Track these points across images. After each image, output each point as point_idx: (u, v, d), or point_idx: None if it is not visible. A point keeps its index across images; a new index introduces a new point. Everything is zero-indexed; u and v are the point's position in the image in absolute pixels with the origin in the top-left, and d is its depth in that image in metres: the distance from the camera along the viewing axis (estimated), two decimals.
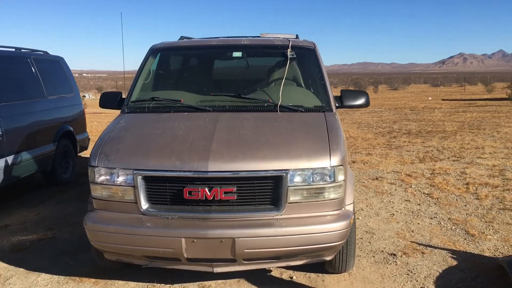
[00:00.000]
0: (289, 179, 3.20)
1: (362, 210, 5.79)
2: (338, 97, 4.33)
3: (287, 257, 3.36)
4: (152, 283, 3.82)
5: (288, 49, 4.45)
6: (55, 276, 4.00)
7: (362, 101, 4.32)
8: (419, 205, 5.99)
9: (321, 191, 3.28)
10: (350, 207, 3.50)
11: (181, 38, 5.27)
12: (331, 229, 3.26)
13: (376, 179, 7.47)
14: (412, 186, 6.95)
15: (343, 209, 3.42)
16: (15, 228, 5.31)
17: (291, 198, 3.24)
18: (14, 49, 6.80)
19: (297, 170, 3.23)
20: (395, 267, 4.11)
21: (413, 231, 5.01)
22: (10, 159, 5.81)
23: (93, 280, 3.90)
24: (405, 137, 12.34)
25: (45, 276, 4.02)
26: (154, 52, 4.77)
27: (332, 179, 3.28)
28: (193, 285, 3.79)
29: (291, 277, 3.93)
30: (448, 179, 7.26)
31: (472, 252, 4.41)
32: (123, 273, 3.96)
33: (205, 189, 3.18)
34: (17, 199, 6.58)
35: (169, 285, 3.79)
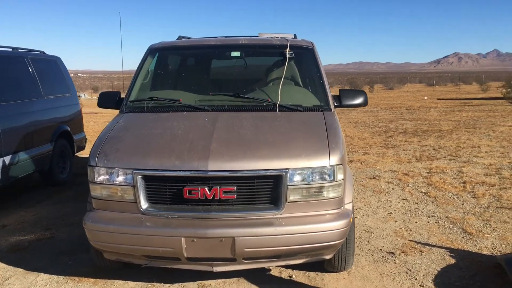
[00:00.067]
0: (288, 178, 3.21)
1: (360, 209, 5.81)
2: (336, 96, 4.34)
3: (287, 256, 3.37)
4: (151, 283, 3.82)
5: (286, 49, 4.46)
6: (54, 276, 3.99)
7: (360, 100, 4.34)
8: (417, 203, 6.01)
9: (321, 190, 3.29)
10: (349, 206, 3.51)
11: (179, 37, 5.26)
12: (330, 228, 3.27)
13: (373, 178, 7.49)
14: (409, 185, 6.97)
15: (342, 208, 3.43)
16: (13, 228, 5.30)
17: (291, 197, 3.24)
18: (11, 49, 6.78)
19: (297, 169, 3.24)
20: (394, 266, 4.13)
21: (411, 230, 5.03)
22: (7, 159, 5.79)
23: (93, 280, 3.90)
24: (402, 136, 12.38)
25: (44, 276, 4.01)
26: (152, 51, 4.77)
27: (331, 178, 3.29)
28: (193, 285, 3.79)
29: (290, 276, 3.94)
30: (445, 178, 7.29)
31: (470, 250, 4.43)
32: (122, 273, 3.96)
33: (205, 189, 3.18)
34: (15, 199, 6.56)
35: (169, 285, 3.79)
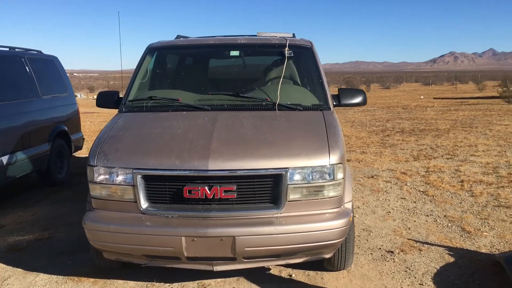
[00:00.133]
0: (288, 177, 3.21)
1: (358, 208, 5.82)
2: (335, 95, 4.35)
3: (287, 255, 3.37)
4: (151, 282, 3.81)
5: (285, 48, 4.46)
6: (54, 276, 3.98)
7: (359, 99, 4.35)
8: (415, 202, 6.03)
9: (321, 189, 3.29)
10: (348, 205, 3.52)
11: (178, 37, 5.25)
12: (330, 227, 3.27)
13: (371, 177, 7.51)
14: (407, 184, 6.99)
15: (342, 207, 3.43)
16: (11, 228, 5.28)
17: (291, 196, 3.24)
18: (8, 49, 6.76)
19: (297, 168, 3.23)
20: (393, 264, 4.14)
21: (409, 229, 5.04)
22: (5, 159, 5.78)
23: (92, 279, 3.89)
24: (399, 135, 12.41)
25: (43, 276, 3.99)
26: (151, 51, 4.76)
27: (331, 177, 3.29)
28: (193, 284, 3.79)
29: (290, 275, 3.94)
30: (442, 177, 7.31)
31: (468, 248, 4.45)
32: (122, 273, 3.95)
33: (205, 188, 3.18)
34: (13, 199, 6.54)
35: (169, 284, 3.79)
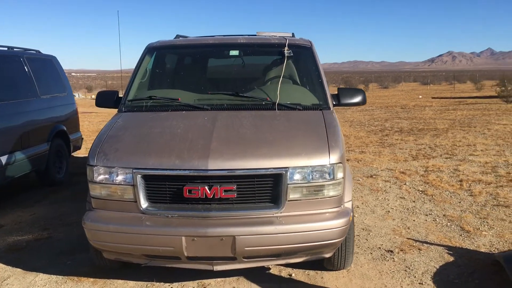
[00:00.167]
0: (288, 177, 3.21)
1: (357, 207, 5.82)
2: (335, 95, 4.35)
3: (287, 255, 3.37)
4: (151, 282, 3.81)
5: (285, 48, 4.46)
6: (53, 276, 3.97)
7: (359, 99, 4.35)
8: (414, 202, 6.04)
9: (321, 188, 3.29)
10: (348, 205, 3.51)
11: (177, 36, 5.24)
12: (330, 226, 3.27)
13: (370, 176, 7.51)
14: (406, 183, 7.00)
15: (342, 206, 3.43)
16: (10, 228, 5.27)
17: (291, 195, 3.24)
18: (6, 48, 6.74)
19: (297, 168, 3.23)
20: (393, 264, 4.14)
21: (409, 228, 5.05)
22: (4, 159, 5.76)
23: (92, 279, 3.88)
24: (397, 135, 12.42)
25: (43, 276, 3.99)
26: (150, 50, 4.75)
27: (331, 177, 3.29)
28: (193, 284, 3.78)
29: (290, 275, 3.94)
30: (441, 176, 7.32)
31: (468, 248, 4.46)
32: (122, 272, 3.94)
33: (205, 188, 3.17)
34: (12, 199, 6.53)
35: (169, 284, 3.79)
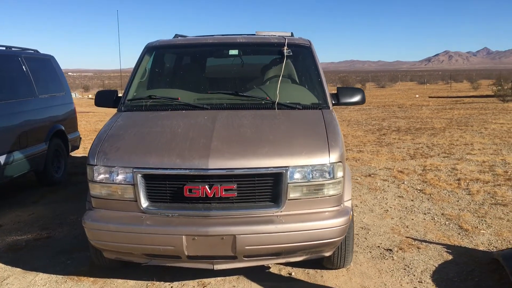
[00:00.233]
0: (289, 176, 3.22)
1: (356, 206, 5.84)
2: (334, 94, 4.36)
3: (287, 254, 3.38)
4: (151, 281, 3.81)
5: (284, 47, 4.46)
6: (53, 275, 3.97)
7: (358, 98, 4.36)
8: (412, 201, 6.06)
9: (321, 187, 3.30)
10: (348, 203, 3.53)
11: (176, 36, 5.24)
12: (330, 225, 3.28)
13: (368, 175, 7.53)
14: (404, 182, 7.02)
15: (342, 205, 3.44)
16: (9, 228, 5.26)
17: (291, 194, 3.25)
18: (4, 48, 6.73)
19: (297, 167, 3.24)
20: (392, 262, 4.16)
21: (407, 227, 5.07)
22: (2, 159, 5.76)
23: (92, 279, 3.88)
24: (395, 134, 12.45)
25: (42, 275, 3.99)
26: (149, 50, 4.75)
27: (331, 176, 3.30)
28: (193, 283, 3.79)
29: (289, 273, 3.95)
30: (439, 175, 7.35)
31: (466, 246, 4.48)
32: (122, 272, 3.94)
33: (206, 187, 3.18)
34: (10, 199, 6.52)
35: (169, 283, 3.79)
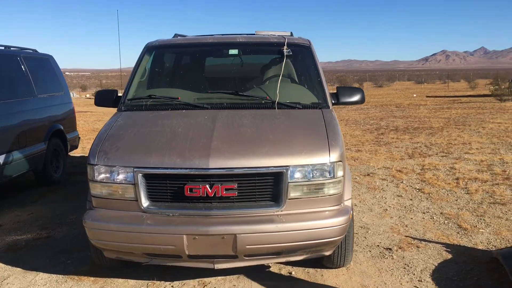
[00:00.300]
0: (289, 175, 3.22)
1: (355, 205, 5.85)
2: (334, 93, 4.37)
3: (288, 253, 3.39)
4: (152, 281, 3.81)
5: (284, 47, 4.47)
6: (53, 275, 3.97)
7: (357, 97, 4.37)
8: (411, 200, 6.08)
9: (321, 187, 3.31)
10: (348, 203, 3.54)
11: (175, 35, 5.24)
12: (331, 224, 3.29)
13: (367, 175, 7.55)
14: (403, 181, 7.04)
15: (342, 204, 3.45)
16: (9, 227, 5.26)
17: (292, 194, 3.26)
18: (3, 47, 6.72)
19: (297, 166, 3.25)
20: (392, 261, 4.17)
21: (407, 226, 5.08)
22: (1, 159, 5.75)
23: (92, 278, 3.88)
24: (393, 133, 12.47)
25: (43, 275, 3.99)
26: (149, 49, 4.75)
27: (331, 175, 3.31)
28: (193, 282, 3.79)
29: (290, 273, 3.96)
30: (438, 175, 7.37)
31: (465, 245, 4.49)
32: (122, 271, 3.95)
33: (206, 186, 3.19)
34: (9, 198, 6.51)
35: (169, 282, 3.80)
